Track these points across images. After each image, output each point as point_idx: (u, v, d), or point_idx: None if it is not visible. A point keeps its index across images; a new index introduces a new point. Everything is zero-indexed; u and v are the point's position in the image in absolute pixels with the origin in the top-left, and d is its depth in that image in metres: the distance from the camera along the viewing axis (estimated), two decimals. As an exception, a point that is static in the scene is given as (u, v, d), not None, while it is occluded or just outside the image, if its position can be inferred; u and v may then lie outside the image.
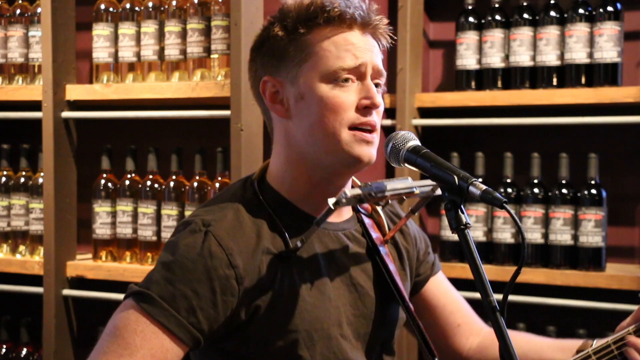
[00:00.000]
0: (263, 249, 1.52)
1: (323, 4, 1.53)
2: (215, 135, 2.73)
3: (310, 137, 1.53)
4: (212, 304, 1.47)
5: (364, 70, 1.52)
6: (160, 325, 1.45)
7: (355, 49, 1.52)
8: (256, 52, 1.60)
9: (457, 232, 1.39)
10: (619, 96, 2.52)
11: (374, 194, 1.49)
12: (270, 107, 1.57)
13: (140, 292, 1.49)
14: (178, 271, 1.47)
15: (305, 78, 1.53)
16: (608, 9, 2.58)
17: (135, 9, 2.77)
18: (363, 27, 1.54)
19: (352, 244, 1.62)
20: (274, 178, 1.60)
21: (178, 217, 2.68)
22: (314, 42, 1.52)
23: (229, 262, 1.48)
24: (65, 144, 2.81)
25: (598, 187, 2.59)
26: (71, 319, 2.82)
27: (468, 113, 2.80)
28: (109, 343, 1.48)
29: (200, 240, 1.49)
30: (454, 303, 1.80)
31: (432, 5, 2.97)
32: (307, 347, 1.53)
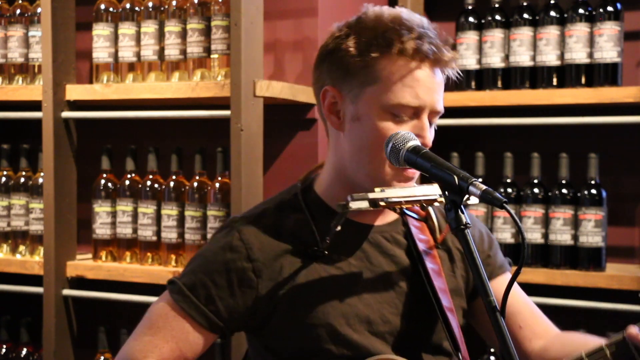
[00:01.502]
0: (290, 247, 1.60)
1: (400, 33, 1.55)
2: (215, 135, 2.73)
3: (356, 157, 1.58)
4: (229, 294, 1.58)
5: (422, 110, 1.56)
6: (181, 309, 1.60)
7: (419, 87, 1.54)
8: (324, 57, 1.63)
9: (457, 232, 1.40)
10: (619, 96, 2.52)
11: (385, 200, 1.50)
12: (326, 116, 1.62)
13: (172, 281, 1.64)
14: (202, 262, 1.63)
15: (365, 101, 1.56)
16: (608, 9, 2.58)
17: (135, 9, 2.77)
18: (434, 64, 1.56)
19: (391, 245, 1.65)
20: (321, 184, 1.67)
21: (178, 217, 2.68)
22: (382, 69, 1.55)
23: (248, 255, 1.59)
24: (65, 144, 2.81)
25: (598, 187, 2.59)
26: (71, 319, 2.82)
27: (468, 113, 2.80)
28: (139, 326, 1.65)
29: (225, 234, 1.63)
30: (516, 305, 1.75)
31: (432, 5, 2.97)
32: (332, 341, 1.57)
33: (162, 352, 1.58)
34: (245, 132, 2.46)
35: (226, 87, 2.49)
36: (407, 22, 1.56)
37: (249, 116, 2.47)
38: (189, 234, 2.65)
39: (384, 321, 1.60)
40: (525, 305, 1.78)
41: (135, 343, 1.61)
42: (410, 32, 1.54)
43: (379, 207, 1.52)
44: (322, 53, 1.64)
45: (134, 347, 1.60)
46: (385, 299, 1.61)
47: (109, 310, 3.02)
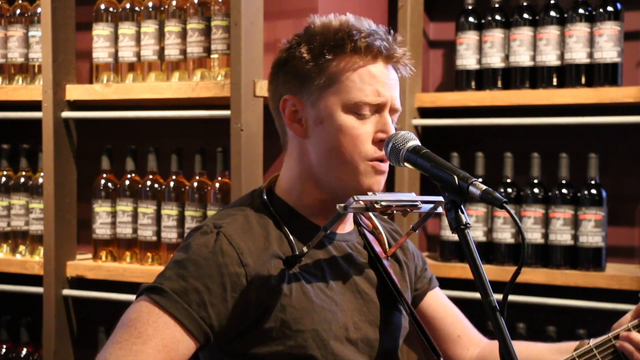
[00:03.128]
0: (272, 252, 1.57)
1: (350, 32, 1.57)
2: (215, 135, 2.73)
3: (325, 161, 1.58)
4: (222, 299, 1.52)
5: (383, 106, 1.58)
6: (172, 316, 1.50)
7: (378, 83, 1.56)
8: (279, 69, 1.63)
9: (457, 232, 1.40)
10: (619, 96, 2.52)
11: (380, 203, 1.51)
12: (288, 125, 1.62)
13: (153, 287, 1.54)
14: (191, 267, 1.53)
15: (326, 103, 1.57)
16: (608, 9, 2.58)
17: (135, 9, 2.77)
18: (387, 60, 1.58)
19: (355, 254, 1.66)
20: (283, 190, 1.65)
21: (178, 217, 2.68)
22: (338, 70, 1.56)
23: (240, 260, 1.54)
24: (65, 144, 2.81)
25: (598, 187, 2.59)
26: (71, 319, 2.83)
27: (468, 113, 2.80)
28: (122, 333, 1.51)
29: (212, 239, 1.55)
30: (452, 316, 1.84)
31: (432, 5, 2.97)
32: (318, 347, 1.56)
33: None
34: (245, 132, 2.46)
35: (226, 87, 2.49)
36: (356, 24, 1.59)
37: (249, 116, 2.47)
38: (189, 234, 2.64)
39: (356, 328, 1.61)
40: (459, 315, 1.85)
41: (123, 352, 1.48)
42: (360, 32, 1.57)
43: (374, 211, 1.53)
44: (275, 66, 1.65)
45: (123, 356, 1.48)
46: (355, 307, 1.63)
47: (109, 310, 3.01)
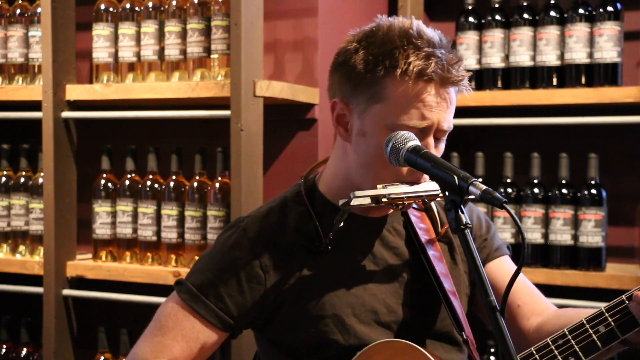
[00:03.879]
0: (294, 241, 1.62)
1: (406, 53, 1.53)
2: (215, 135, 2.73)
3: (361, 170, 1.60)
4: (238, 290, 1.61)
5: (427, 130, 1.55)
6: (190, 309, 1.62)
7: (425, 107, 1.54)
8: (335, 68, 1.64)
9: (457, 232, 1.40)
10: (619, 96, 2.52)
11: (387, 196, 1.51)
12: (334, 126, 1.64)
13: (180, 282, 1.67)
14: (209, 262, 1.66)
15: (371, 118, 1.57)
16: (608, 9, 2.58)
17: (135, 9, 2.77)
18: (441, 84, 1.55)
19: (393, 237, 1.67)
20: (324, 183, 1.69)
21: (178, 217, 2.68)
22: (388, 88, 1.54)
23: (255, 252, 1.61)
24: (65, 144, 2.80)
25: (598, 187, 2.59)
26: (71, 319, 2.82)
27: (468, 113, 2.80)
28: (149, 328, 1.66)
29: (231, 234, 1.65)
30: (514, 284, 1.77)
31: (432, 5, 2.97)
32: (340, 332, 1.60)
33: (173, 351, 1.60)
34: (245, 132, 2.46)
35: (226, 87, 2.49)
36: (416, 40, 1.54)
37: (249, 116, 2.47)
38: (189, 234, 2.65)
39: (389, 311, 1.63)
40: (522, 284, 1.79)
41: (144, 344, 1.63)
42: (418, 51, 1.53)
43: (381, 204, 1.53)
44: (334, 63, 1.65)
45: (144, 349, 1.62)
46: (389, 290, 1.64)
47: (109, 310, 3.02)
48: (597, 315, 1.54)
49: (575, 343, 1.53)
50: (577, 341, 1.53)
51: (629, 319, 1.53)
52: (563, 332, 1.54)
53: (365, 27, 1.63)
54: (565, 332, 1.55)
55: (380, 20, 1.62)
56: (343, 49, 1.62)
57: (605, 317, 1.54)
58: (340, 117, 1.62)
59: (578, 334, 1.54)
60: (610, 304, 1.55)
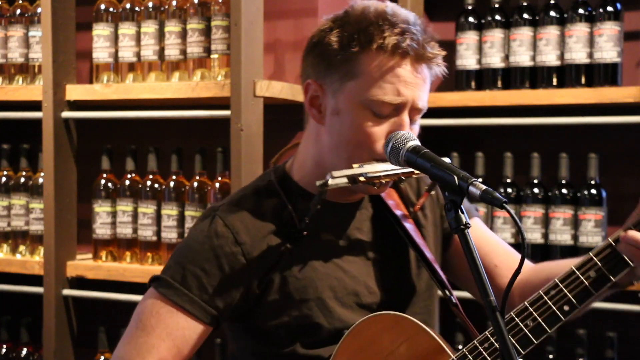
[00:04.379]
0: (272, 228, 1.60)
1: (382, 28, 1.54)
2: (215, 135, 2.73)
3: (336, 151, 1.59)
4: (222, 280, 1.57)
5: (402, 107, 1.55)
6: (174, 304, 1.56)
7: (400, 83, 1.54)
8: (309, 50, 1.63)
9: (457, 232, 1.40)
10: (619, 96, 2.52)
11: (364, 175, 1.51)
12: (308, 109, 1.62)
13: (157, 278, 1.61)
14: (188, 253, 1.59)
15: (346, 96, 1.56)
16: (608, 9, 2.58)
17: (135, 9, 2.77)
18: (416, 60, 1.55)
19: (365, 219, 1.67)
20: (296, 168, 1.67)
21: (178, 217, 2.68)
22: (362, 64, 1.54)
23: (235, 239, 1.58)
24: (65, 144, 2.80)
25: (598, 187, 2.59)
26: (71, 319, 2.82)
27: (468, 113, 2.80)
28: (130, 328, 1.59)
29: (208, 223, 1.60)
30: (488, 246, 1.78)
31: (432, 5, 2.97)
32: (323, 315, 1.59)
33: (160, 351, 1.55)
34: (245, 132, 2.46)
35: (226, 87, 2.49)
36: (391, 18, 1.55)
37: (249, 116, 2.47)
38: (189, 234, 2.64)
39: (370, 292, 1.63)
40: (496, 244, 1.80)
41: (129, 347, 1.56)
42: (393, 27, 1.54)
43: (358, 184, 1.52)
44: (308, 45, 1.64)
45: (130, 352, 1.56)
46: (368, 271, 1.64)
47: (109, 310, 3.02)
48: (586, 261, 1.55)
49: (568, 291, 1.54)
50: (569, 289, 1.54)
51: (619, 261, 1.54)
52: (554, 282, 1.55)
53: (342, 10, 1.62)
54: (557, 281, 1.55)
55: (354, 3, 1.61)
56: (317, 31, 1.62)
57: (594, 262, 1.55)
58: (314, 99, 1.61)
59: (570, 282, 1.54)
60: (598, 248, 1.56)
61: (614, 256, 1.54)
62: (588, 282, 1.54)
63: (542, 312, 1.54)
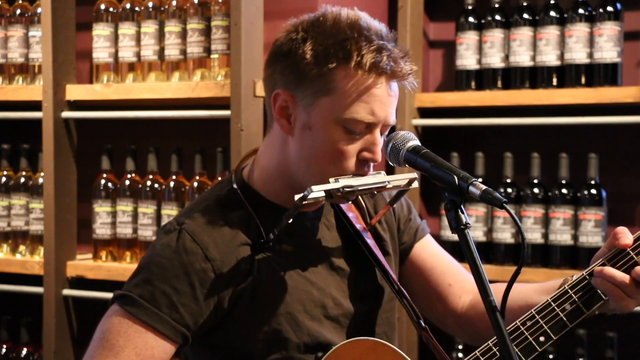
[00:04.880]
0: (240, 241, 1.56)
1: (359, 44, 1.49)
2: (215, 135, 2.73)
3: (304, 164, 1.55)
4: (192, 298, 1.51)
5: (375, 125, 1.53)
6: (143, 323, 1.49)
7: (375, 102, 1.51)
8: (278, 57, 1.57)
9: (457, 232, 1.40)
10: (619, 96, 2.52)
11: (341, 190, 1.50)
12: (276, 119, 1.57)
13: (122, 295, 1.53)
14: (156, 270, 1.52)
15: (319, 112, 1.52)
16: (608, 9, 2.58)
17: (135, 9, 2.77)
18: (391, 77, 1.53)
19: (328, 229, 1.65)
20: (256, 177, 1.62)
21: (178, 217, 2.68)
22: (338, 80, 1.50)
23: (205, 255, 1.52)
24: (65, 144, 2.80)
25: (598, 187, 2.59)
26: (71, 319, 2.82)
27: (468, 113, 2.80)
28: (95, 347, 1.52)
29: (174, 238, 1.54)
30: (442, 264, 1.78)
31: (432, 5, 2.97)
32: (293, 330, 1.56)
33: None
34: (245, 132, 2.46)
35: (226, 87, 2.49)
36: (366, 32, 1.51)
37: (249, 116, 2.47)
38: (189, 234, 2.64)
39: (336, 304, 1.60)
40: (450, 263, 1.80)
41: None
42: (370, 43, 1.50)
43: (334, 199, 1.51)
44: (275, 52, 1.58)
45: None
46: (333, 283, 1.62)
47: (109, 310, 3.02)
48: (562, 294, 1.57)
49: (544, 323, 1.56)
50: (545, 321, 1.56)
51: (593, 294, 1.57)
52: (531, 314, 1.56)
53: (306, 16, 1.58)
54: (534, 313, 1.56)
55: (324, 9, 1.57)
56: (287, 38, 1.56)
57: (569, 294, 1.57)
58: (283, 110, 1.55)
59: (545, 314, 1.56)
60: (573, 281, 1.58)
61: (589, 289, 1.58)
62: (563, 314, 1.57)
63: (519, 343, 1.55)
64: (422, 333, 1.64)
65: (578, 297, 1.57)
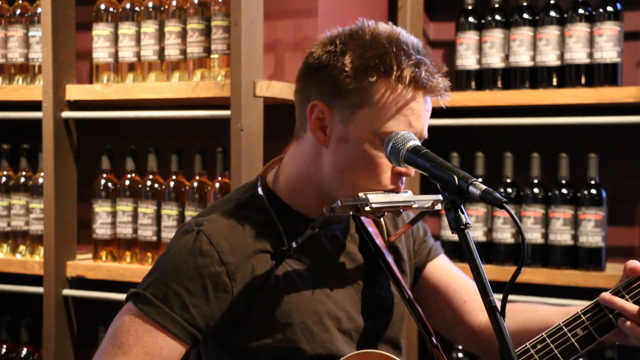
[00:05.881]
0: (258, 247, 1.55)
1: (399, 58, 1.50)
2: (215, 135, 2.73)
3: (338, 177, 1.55)
4: (205, 300, 1.52)
5: None
6: (153, 322, 1.51)
7: (413, 115, 1.52)
8: (315, 70, 1.56)
9: (457, 232, 1.40)
10: (619, 96, 2.52)
11: (370, 205, 1.50)
12: (312, 130, 1.57)
13: (136, 294, 1.55)
14: (170, 270, 1.53)
15: (356, 124, 1.52)
16: (608, 9, 2.58)
17: (135, 9, 2.77)
18: (429, 92, 1.54)
19: (348, 243, 1.65)
20: (281, 184, 1.63)
21: (178, 217, 2.68)
22: (377, 93, 1.51)
23: (220, 259, 1.52)
24: (65, 144, 2.81)
25: (598, 187, 2.59)
26: (71, 319, 2.82)
27: (468, 113, 2.80)
28: (106, 345, 1.53)
29: (191, 240, 1.54)
30: (457, 282, 1.80)
31: (432, 5, 2.97)
32: (307, 340, 1.56)
33: None
34: (245, 132, 2.46)
35: (226, 87, 2.49)
36: (405, 47, 1.51)
37: (249, 116, 2.47)
38: (189, 234, 2.64)
39: (349, 318, 1.61)
40: (465, 280, 1.81)
41: None
42: (409, 58, 1.51)
43: (361, 213, 1.51)
44: (312, 64, 1.57)
45: None
46: (348, 296, 1.62)
47: (109, 310, 3.01)
48: (575, 318, 1.57)
49: (555, 347, 1.56)
50: (556, 345, 1.56)
51: (606, 321, 1.57)
52: (542, 337, 1.57)
53: (342, 29, 1.57)
54: (544, 336, 1.57)
55: (361, 22, 1.57)
56: (323, 50, 1.56)
57: (582, 320, 1.57)
58: (319, 121, 1.56)
59: (556, 338, 1.56)
60: (587, 307, 1.58)
61: (602, 316, 1.57)
62: (575, 339, 1.56)
63: None
64: (433, 350, 1.65)
65: (590, 323, 1.56)
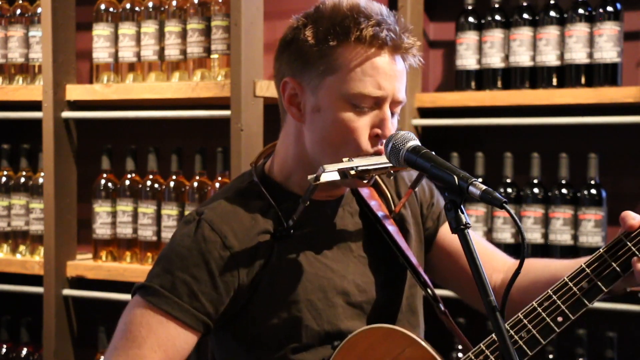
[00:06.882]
0: (259, 229, 1.57)
1: (358, 20, 1.53)
2: (215, 135, 2.73)
3: (319, 148, 1.57)
4: (212, 286, 1.53)
5: (383, 100, 1.54)
6: (164, 313, 1.52)
7: (380, 75, 1.53)
8: (284, 48, 1.61)
9: (457, 232, 1.40)
10: (619, 96, 2.52)
11: (355, 169, 1.50)
12: (287, 108, 1.60)
13: (143, 286, 1.55)
14: (175, 260, 1.55)
15: (325, 92, 1.55)
16: (608, 9, 2.58)
17: (135, 9, 2.78)
18: (394, 50, 1.55)
19: (350, 216, 1.66)
20: (275, 168, 1.65)
21: (178, 217, 2.68)
22: (340, 58, 1.53)
23: (223, 244, 1.54)
24: (65, 144, 2.81)
25: (598, 187, 2.59)
26: (71, 319, 2.83)
27: (468, 113, 2.80)
28: (118, 340, 1.54)
29: (193, 228, 1.56)
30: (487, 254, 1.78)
31: (432, 5, 2.97)
32: (313, 317, 1.57)
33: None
34: (245, 132, 2.46)
35: (226, 87, 2.49)
36: (365, 10, 1.54)
37: (249, 116, 2.47)
38: (189, 234, 2.64)
39: (360, 291, 1.61)
40: (478, 242, 1.77)
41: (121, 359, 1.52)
42: (368, 19, 1.53)
43: (348, 178, 1.51)
44: (281, 44, 1.62)
45: None
46: (356, 270, 1.62)
47: (109, 310, 3.01)
48: (579, 272, 1.55)
49: (562, 302, 1.54)
50: (562, 300, 1.54)
51: (611, 272, 1.54)
52: (548, 294, 1.54)
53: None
54: (550, 293, 1.54)
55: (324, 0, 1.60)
56: (290, 29, 1.60)
57: (586, 272, 1.54)
58: (292, 97, 1.58)
59: (562, 293, 1.54)
60: (590, 259, 1.55)
61: (606, 266, 1.55)
62: (581, 293, 1.54)
63: (536, 324, 1.54)
64: (441, 317, 1.65)
65: (595, 275, 1.54)
